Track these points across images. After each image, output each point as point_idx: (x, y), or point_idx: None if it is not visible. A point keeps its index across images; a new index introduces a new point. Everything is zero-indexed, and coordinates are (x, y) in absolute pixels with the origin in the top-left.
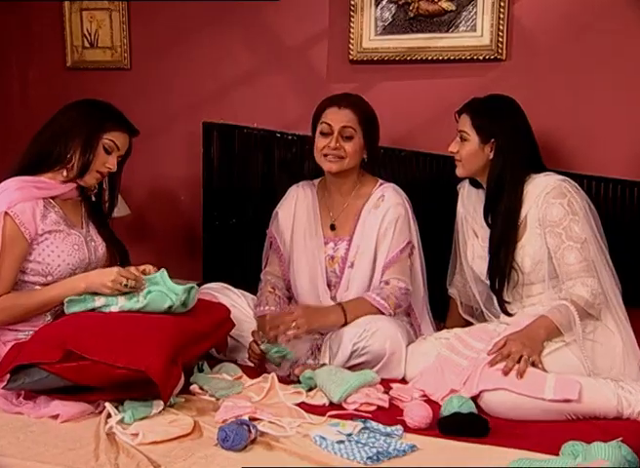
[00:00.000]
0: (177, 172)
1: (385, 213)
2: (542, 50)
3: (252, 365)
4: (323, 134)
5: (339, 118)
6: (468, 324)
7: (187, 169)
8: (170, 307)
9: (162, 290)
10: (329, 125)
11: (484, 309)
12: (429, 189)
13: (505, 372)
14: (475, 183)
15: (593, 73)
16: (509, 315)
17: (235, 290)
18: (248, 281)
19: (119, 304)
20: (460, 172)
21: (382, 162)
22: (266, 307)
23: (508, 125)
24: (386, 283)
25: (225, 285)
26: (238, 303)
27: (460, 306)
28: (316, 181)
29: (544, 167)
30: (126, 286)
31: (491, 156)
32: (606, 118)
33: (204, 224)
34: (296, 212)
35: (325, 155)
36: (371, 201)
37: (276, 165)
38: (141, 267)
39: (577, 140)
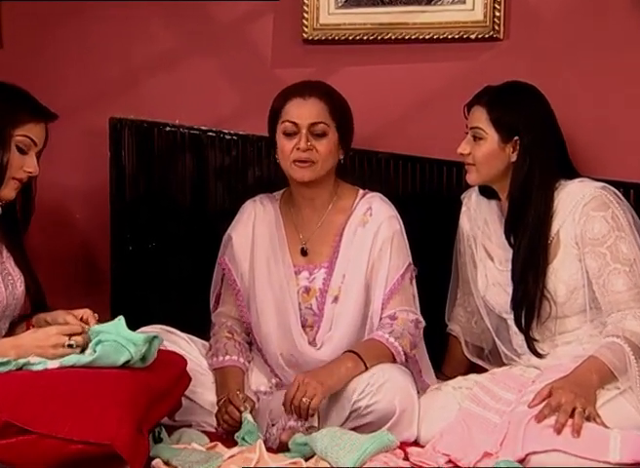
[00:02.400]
0: (74, 181)
1: (377, 230)
2: (548, 27)
3: (214, 431)
4: (287, 134)
5: (305, 112)
6: (475, 369)
7: (89, 177)
8: (127, 362)
9: (117, 339)
10: (293, 123)
11: (503, 350)
12: (411, 201)
13: (558, 430)
14: (486, 192)
15: (611, 56)
16: (540, 356)
17: (182, 334)
18: (175, 322)
19: (60, 358)
20: (472, 178)
21: (350, 167)
22: (226, 357)
23: (535, 118)
24: (393, 317)
25: (167, 328)
26: (188, 351)
27: (466, 347)
28: (278, 194)
29: (576, 171)
30: (71, 346)
31: (513, 158)
32: (625, 110)
33: (112, 250)
34: (255, 234)
35: (295, 161)
36: (355, 216)
37: (210, 172)
38: (79, 312)
39: (592, 138)
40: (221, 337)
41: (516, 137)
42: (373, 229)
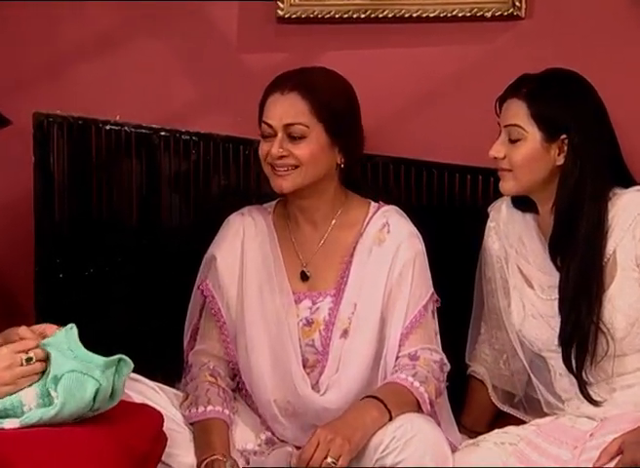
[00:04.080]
0: None
1: (397, 250)
2: (578, 5)
3: None
4: (264, 137)
5: (279, 111)
6: (501, 420)
7: (7, 188)
8: (96, 393)
9: (75, 368)
10: (268, 124)
11: (544, 396)
12: (416, 215)
13: None
14: (520, 204)
15: None
16: (594, 403)
17: (148, 381)
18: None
19: (24, 415)
20: (508, 187)
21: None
22: (208, 407)
23: (585, 112)
24: (414, 357)
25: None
26: (157, 402)
27: (494, 392)
28: (270, 206)
29: (632, 177)
30: (30, 360)
31: (560, 161)
32: None
33: (37, 278)
34: (244, 255)
35: (271, 167)
36: (369, 233)
37: (164, 181)
38: (37, 327)
39: (627, 131)
40: (202, 382)
41: (564, 136)
42: (391, 249)
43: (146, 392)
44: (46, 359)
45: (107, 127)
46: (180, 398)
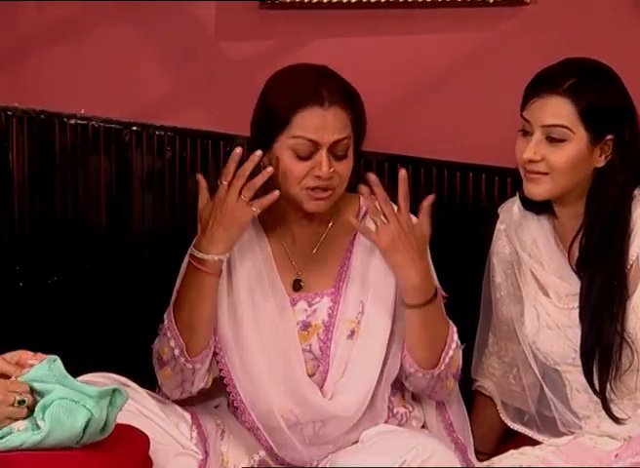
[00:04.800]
0: None
1: None
2: None
3: None
4: (299, 156)
5: (327, 127)
6: (512, 439)
7: None
8: (87, 424)
9: (66, 396)
10: (312, 142)
11: (559, 413)
12: (414, 215)
13: None
14: (532, 205)
15: None
16: (617, 421)
17: (138, 388)
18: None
19: (5, 438)
20: (542, 190)
21: None
22: None
23: (628, 108)
24: None
25: (116, 376)
26: (152, 410)
27: (504, 409)
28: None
29: None
30: (22, 403)
31: (600, 162)
32: None
33: None
34: (232, 259)
35: (308, 189)
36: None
37: (135, 181)
38: (11, 355)
39: None
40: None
41: (610, 136)
42: None
43: (135, 396)
44: (34, 401)
45: (72, 121)
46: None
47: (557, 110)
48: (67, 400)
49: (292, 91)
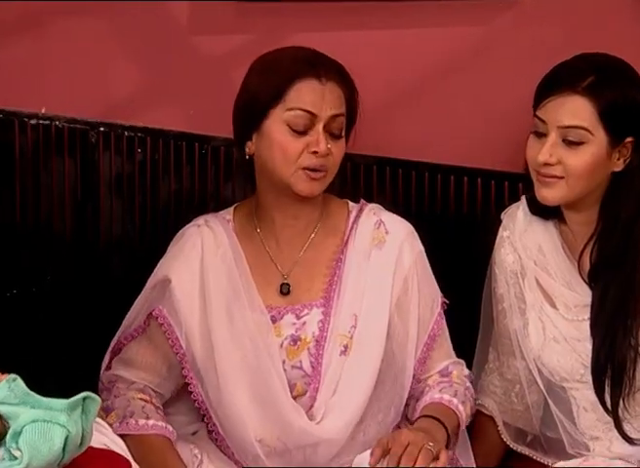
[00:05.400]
0: None
1: (399, 252)
2: None
3: None
4: (296, 130)
5: (325, 101)
6: (516, 461)
7: None
8: (65, 442)
9: (36, 417)
10: (309, 113)
11: (566, 434)
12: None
13: None
14: (539, 210)
15: None
16: (631, 442)
17: (100, 421)
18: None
19: None
20: (557, 195)
21: None
22: (150, 421)
23: None
24: (445, 374)
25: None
26: (115, 445)
27: (505, 429)
28: (228, 213)
29: None
30: None
31: (619, 166)
32: None
33: None
34: (205, 273)
35: (304, 169)
36: (360, 234)
37: (103, 185)
38: None
39: None
40: (133, 399)
41: (630, 138)
42: (393, 252)
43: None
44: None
45: (34, 121)
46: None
47: (576, 110)
48: (39, 422)
49: (286, 64)
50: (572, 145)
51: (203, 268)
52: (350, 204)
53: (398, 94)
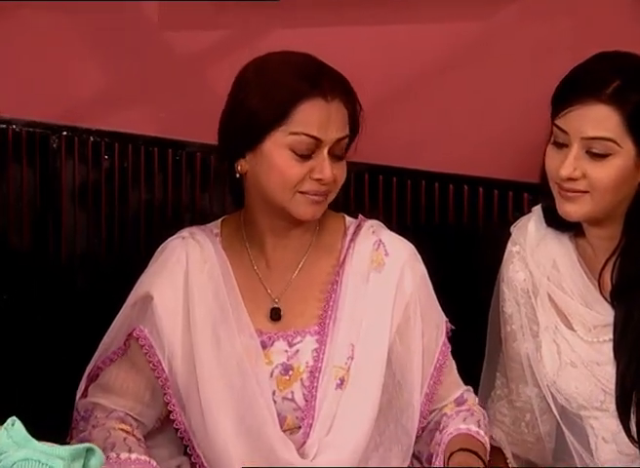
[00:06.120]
0: None
1: (400, 276)
2: None
3: None
4: (298, 154)
5: (331, 122)
6: None
7: None
8: None
9: (30, 456)
10: (316, 139)
11: (587, 465)
12: (399, 233)
13: None
14: (553, 221)
15: None
16: None
17: None
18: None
19: None
20: (580, 211)
21: None
22: (133, 455)
23: None
24: (461, 402)
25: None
26: None
27: (514, 461)
28: (215, 227)
29: None
30: None
31: None
32: None
33: None
34: (189, 290)
35: (304, 193)
36: (358, 254)
37: (65, 194)
38: None
39: None
40: (114, 429)
41: None
42: (394, 276)
43: None
44: None
45: None
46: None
47: (601, 120)
48: (32, 461)
49: (289, 81)
50: (597, 158)
51: (188, 284)
52: (347, 219)
53: (391, 94)
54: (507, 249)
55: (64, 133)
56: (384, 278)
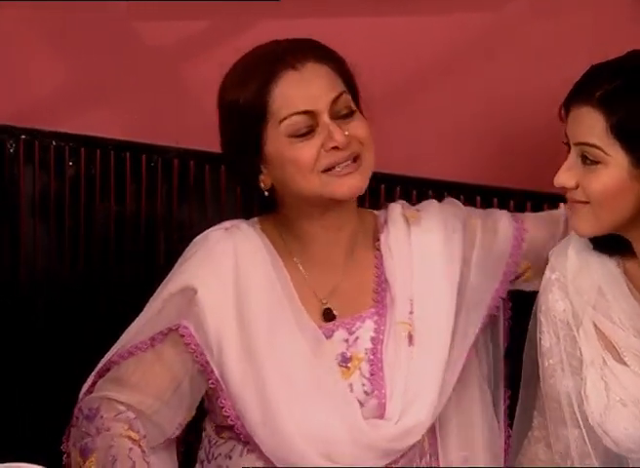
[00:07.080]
0: None
1: (444, 220)
2: None
3: None
4: (301, 135)
5: (312, 87)
6: None
7: None
8: None
9: None
10: (308, 112)
11: None
12: None
13: None
14: (599, 243)
15: None
16: None
17: None
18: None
19: None
20: (586, 226)
21: None
22: None
23: None
24: None
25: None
26: None
27: None
28: (254, 222)
29: None
30: None
31: None
32: None
33: None
34: (240, 282)
35: (331, 169)
36: (393, 224)
37: (24, 204)
38: None
39: None
40: (119, 437)
41: None
42: (435, 218)
43: None
44: None
45: None
46: None
47: (587, 125)
48: None
49: (254, 73)
50: (591, 165)
51: (239, 277)
52: (374, 211)
53: (387, 94)
54: (545, 276)
55: (23, 136)
56: (426, 226)
